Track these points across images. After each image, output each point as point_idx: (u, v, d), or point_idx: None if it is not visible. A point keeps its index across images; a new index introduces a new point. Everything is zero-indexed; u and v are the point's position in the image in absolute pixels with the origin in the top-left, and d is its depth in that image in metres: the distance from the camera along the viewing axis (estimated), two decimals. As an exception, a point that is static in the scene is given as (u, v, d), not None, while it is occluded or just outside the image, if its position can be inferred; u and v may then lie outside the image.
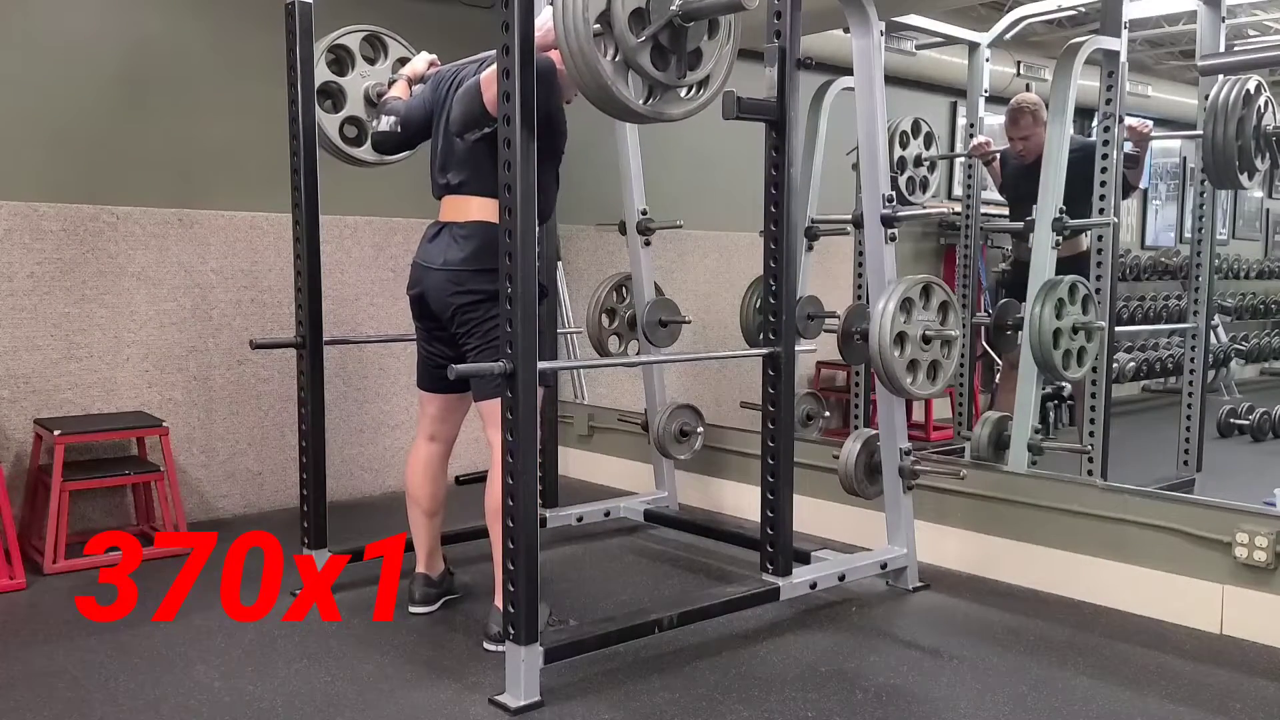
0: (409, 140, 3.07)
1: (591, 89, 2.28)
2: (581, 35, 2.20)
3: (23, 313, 3.79)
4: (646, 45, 2.30)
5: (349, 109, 3.43)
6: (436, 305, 2.93)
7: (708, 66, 2.44)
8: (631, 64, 2.29)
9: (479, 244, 2.83)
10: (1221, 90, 3.80)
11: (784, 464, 3.04)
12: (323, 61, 3.34)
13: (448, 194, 2.94)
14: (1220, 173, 3.90)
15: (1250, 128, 3.80)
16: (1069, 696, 2.59)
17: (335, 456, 4.49)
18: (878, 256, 3.25)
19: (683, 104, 2.44)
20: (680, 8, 2.30)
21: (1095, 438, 3.81)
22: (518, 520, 2.43)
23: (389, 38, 3.52)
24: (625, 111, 2.34)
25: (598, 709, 2.50)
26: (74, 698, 2.54)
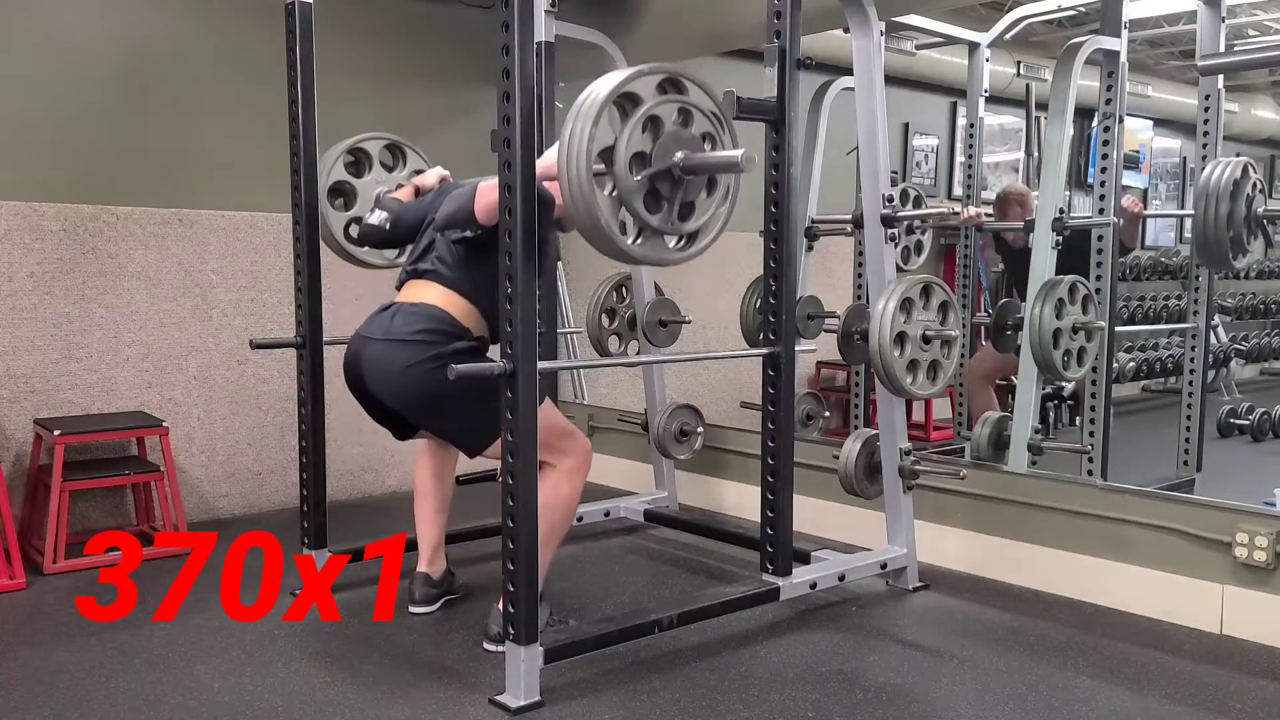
0: (394, 240, 3.09)
1: (584, 217, 2.31)
2: (582, 166, 2.25)
3: (23, 313, 3.79)
4: (643, 187, 2.35)
5: (357, 209, 3.45)
6: (374, 379, 2.83)
7: (699, 221, 2.48)
8: (625, 203, 2.33)
9: (426, 317, 2.77)
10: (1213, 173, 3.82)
11: (784, 464, 3.04)
12: (340, 162, 3.41)
13: (411, 279, 2.92)
14: (1211, 255, 3.91)
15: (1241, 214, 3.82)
16: (1069, 696, 2.59)
17: (335, 456, 4.48)
18: (878, 256, 3.25)
19: (670, 253, 2.48)
20: (681, 160, 2.37)
21: (1095, 438, 3.81)
22: (518, 520, 2.43)
23: (409, 149, 3.58)
24: (612, 247, 2.36)
25: (598, 709, 2.50)
26: (74, 698, 2.54)
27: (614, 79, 2.31)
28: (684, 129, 2.40)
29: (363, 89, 4.54)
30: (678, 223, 2.44)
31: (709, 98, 2.46)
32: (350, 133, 4.00)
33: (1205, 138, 4.20)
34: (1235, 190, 3.72)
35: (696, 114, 2.42)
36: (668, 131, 2.37)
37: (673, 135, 2.37)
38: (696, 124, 2.42)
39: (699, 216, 2.48)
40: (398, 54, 4.68)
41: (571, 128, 2.27)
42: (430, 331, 2.75)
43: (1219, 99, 4.23)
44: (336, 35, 3.89)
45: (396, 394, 2.83)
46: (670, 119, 2.38)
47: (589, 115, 2.26)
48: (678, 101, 2.39)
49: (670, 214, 2.41)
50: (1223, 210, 3.71)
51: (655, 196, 2.38)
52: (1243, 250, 3.84)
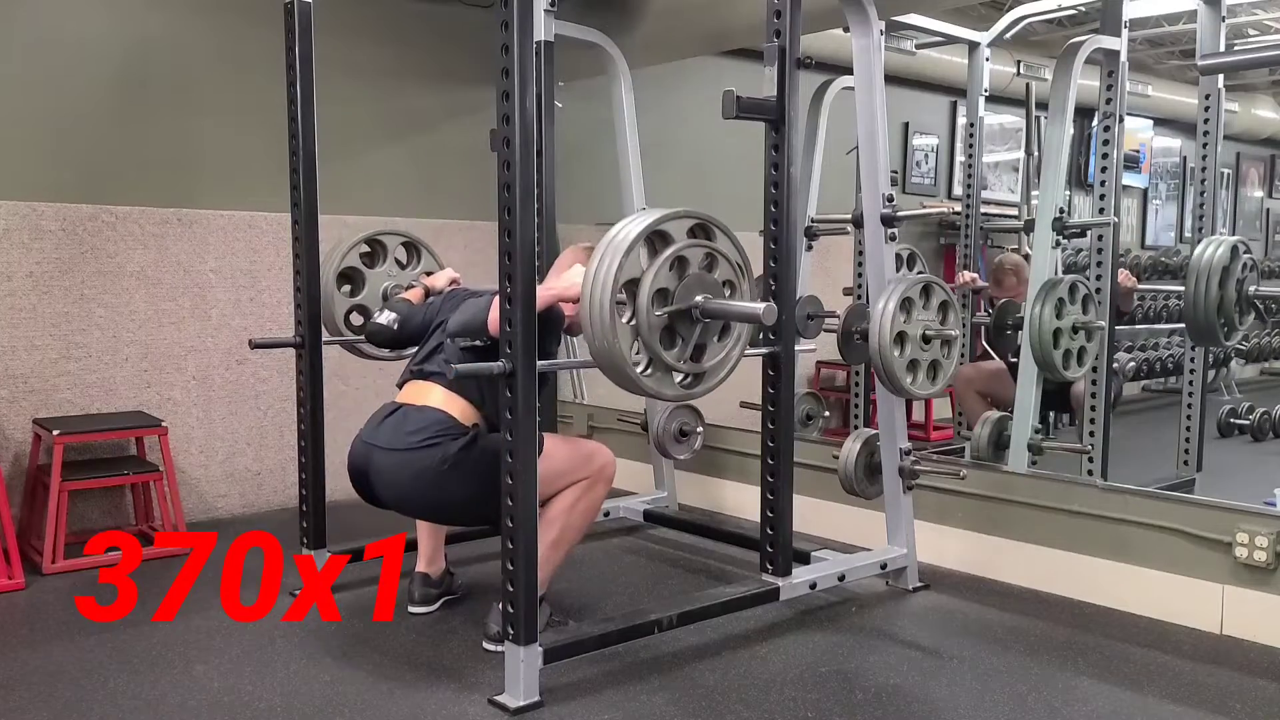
0: (399, 341, 3.12)
1: (599, 342, 2.38)
2: (607, 292, 2.33)
3: (21, 312, 3.79)
4: (661, 323, 2.42)
5: (363, 297, 3.50)
6: (386, 490, 2.83)
7: (708, 363, 2.55)
8: (642, 334, 2.40)
9: (434, 424, 2.76)
10: (1205, 252, 3.83)
11: (784, 464, 3.03)
12: (356, 251, 3.46)
13: (414, 379, 2.93)
14: (1201, 333, 3.94)
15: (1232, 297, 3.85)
16: (1069, 696, 2.59)
17: (335, 456, 4.47)
18: (878, 256, 3.25)
19: (674, 389, 2.53)
20: (703, 302, 2.45)
21: (1095, 438, 3.81)
22: (517, 520, 2.43)
23: (424, 249, 3.62)
24: (621, 374, 2.43)
25: (597, 709, 2.50)
26: (74, 698, 2.54)
27: (649, 216, 2.40)
28: (708, 273, 2.48)
29: (363, 89, 4.54)
30: (690, 361, 2.51)
31: (734, 247, 2.54)
32: (351, 131, 4.01)
33: (1205, 137, 4.20)
34: (1225, 275, 3.77)
35: (721, 261, 2.50)
36: (692, 273, 2.45)
37: (697, 278, 2.46)
38: (720, 270, 2.50)
39: (710, 358, 2.55)
40: (398, 54, 4.68)
41: (601, 257, 2.36)
42: (433, 437, 2.75)
43: (1219, 99, 4.23)
44: (336, 35, 3.89)
45: (413, 503, 2.84)
46: (696, 262, 2.46)
47: (621, 246, 2.35)
48: (705, 247, 2.48)
49: (684, 352, 2.49)
50: (1213, 292, 3.76)
51: (671, 333, 2.47)
52: (1235, 329, 3.89)
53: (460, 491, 2.74)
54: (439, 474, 2.72)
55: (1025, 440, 3.67)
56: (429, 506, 2.87)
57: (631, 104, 4.15)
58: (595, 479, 2.90)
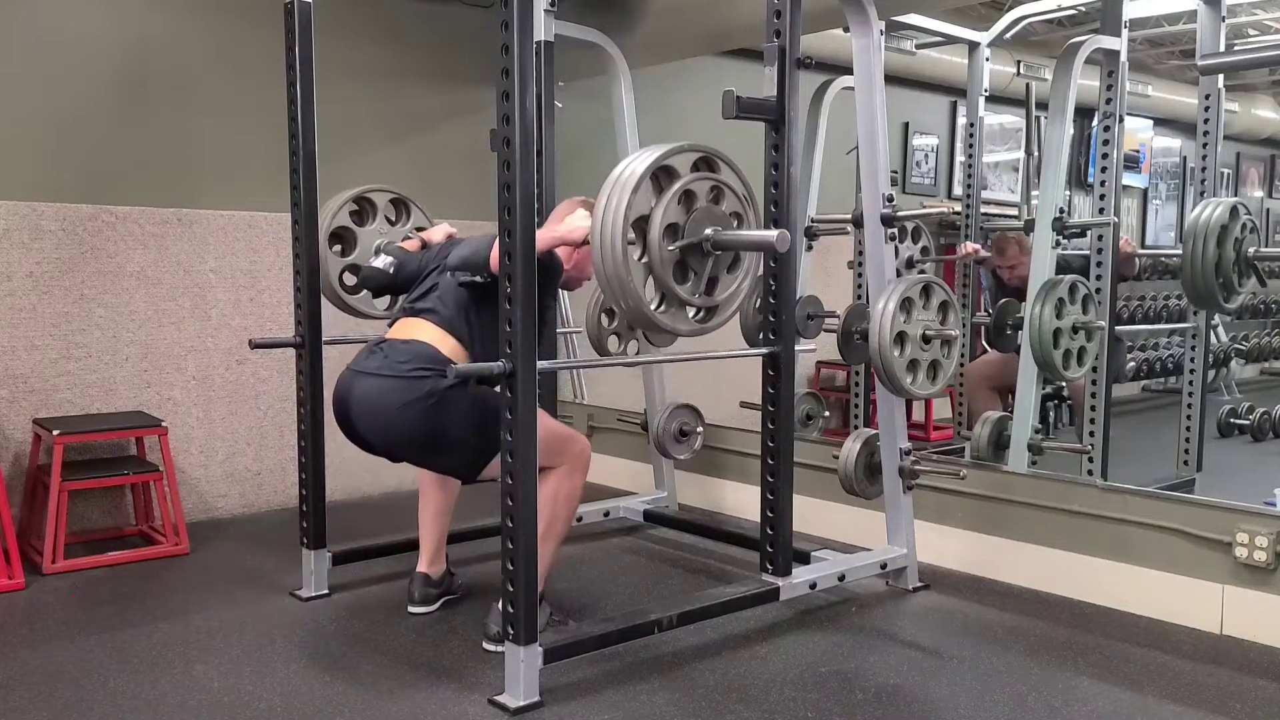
0: (394, 287, 3.09)
1: (613, 282, 2.39)
2: (619, 231, 2.33)
3: (22, 312, 3.79)
4: (673, 258, 2.44)
5: (355, 256, 3.47)
6: (365, 421, 2.81)
7: (721, 296, 2.57)
8: (655, 271, 2.42)
9: (411, 355, 2.76)
10: (1201, 213, 3.80)
11: (784, 464, 3.03)
12: (345, 209, 3.43)
13: (405, 316, 2.92)
14: (1199, 296, 3.90)
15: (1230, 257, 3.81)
16: (1069, 696, 2.59)
17: (334, 456, 4.46)
18: (878, 256, 3.25)
19: (688, 323, 2.55)
20: (713, 234, 2.45)
21: (1095, 438, 3.81)
22: (517, 520, 2.43)
23: (413, 205, 3.59)
24: (637, 311, 2.44)
25: (597, 709, 2.50)
26: (74, 698, 2.54)
27: (653, 153, 2.40)
28: (715, 206, 2.48)
29: (363, 89, 4.54)
30: (703, 295, 2.52)
31: (739, 179, 2.55)
32: (351, 131, 4.01)
33: (1205, 137, 4.20)
34: (1223, 234, 3.74)
35: (728, 192, 2.51)
36: (700, 206, 2.46)
37: (705, 211, 2.46)
38: (727, 202, 2.51)
39: (722, 290, 2.56)
40: (398, 54, 4.68)
41: (609, 195, 2.36)
42: (424, 368, 2.73)
43: (1219, 99, 4.23)
44: (336, 35, 3.89)
45: (390, 434, 2.80)
46: (703, 195, 2.47)
47: (628, 185, 2.35)
48: (711, 179, 2.48)
49: (698, 286, 2.50)
50: (1210, 256, 3.73)
51: (684, 268, 2.48)
52: (1234, 292, 3.85)
53: (441, 432, 2.72)
54: (424, 408, 2.70)
55: (1025, 440, 3.67)
56: (405, 441, 2.80)
57: (631, 104, 4.15)
58: (574, 466, 2.89)
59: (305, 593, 3.29)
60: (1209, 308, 4.06)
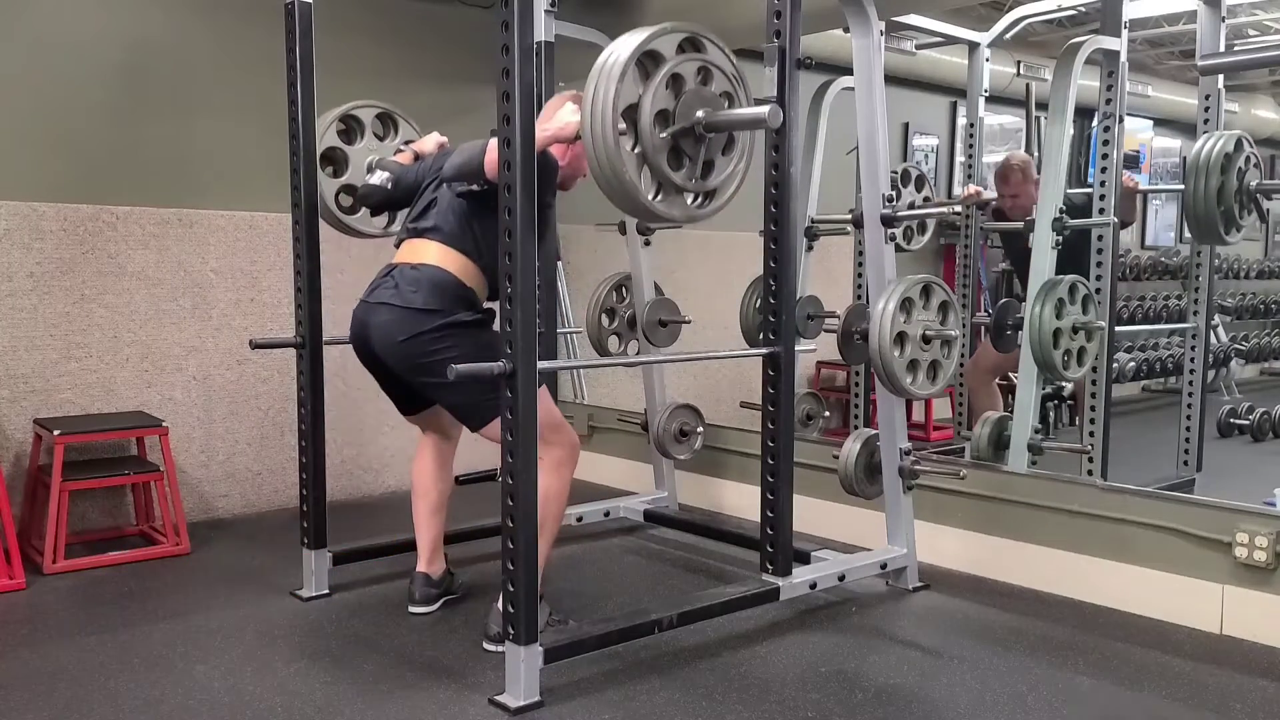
0: (393, 201, 3.08)
1: (608, 175, 2.34)
2: (609, 123, 2.28)
3: (22, 313, 3.79)
4: (666, 144, 2.39)
5: (349, 177, 3.45)
6: (381, 345, 2.85)
7: (717, 180, 2.52)
8: (649, 159, 2.37)
9: (425, 283, 2.79)
10: (1203, 148, 3.78)
11: (784, 464, 3.04)
12: (333, 129, 3.40)
13: (411, 237, 2.93)
14: (1203, 230, 3.86)
15: (1232, 188, 3.77)
16: (1069, 696, 2.59)
17: (335, 456, 4.48)
18: (878, 256, 3.25)
19: (687, 209, 2.51)
20: (705, 116, 2.40)
21: (1095, 438, 3.81)
22: (517, 520, 2.43)
23: (400, 118, 3.57)
24: (634, 204, 2.40)
25: (597, 709, 2.50)
26: (74, 698, 2.54)
27: (635, 38, 2.33)
28: (704, 87, 2.42)
29: (363, 89, 4.51)
30: (699, 180, 2.46)
31: (727, 57, 2.48)
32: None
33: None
34: (1227, 164, 3.70)
35: (716, 73, 2.44)
36: (689, 90, 2.40)
37: (694, 94, 2.40)
38: (716, 83, 2.45)
39: (718, 174, 2.50)
40: (398, 54, 4.68)
41: (596, 86, 2.30)
42: (436, 299, 2.76)
43: (1219, 99, 4.23)
44: (336, 35, 3.89)
45: (401, 360, 2.84)
46: (691, 77, 2.40)
47: (613, 73, 2.29)
48: (698, 60, 2.41)
49: (694, 171, 2.45)
50: (1213, 184, 3.68)
51: (678, 154, 2.42)
52: (1235, 225, 3.81)
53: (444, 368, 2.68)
54: (430, 340, 2.74)
55: (1025, 440, 3.67)
56: (419, 369, 2.82)
57: (631, 104, 4.14)
58: (562, 460, 2.88)
59: (306, 593, 3.29)
60: (1210, 241, 4.00)
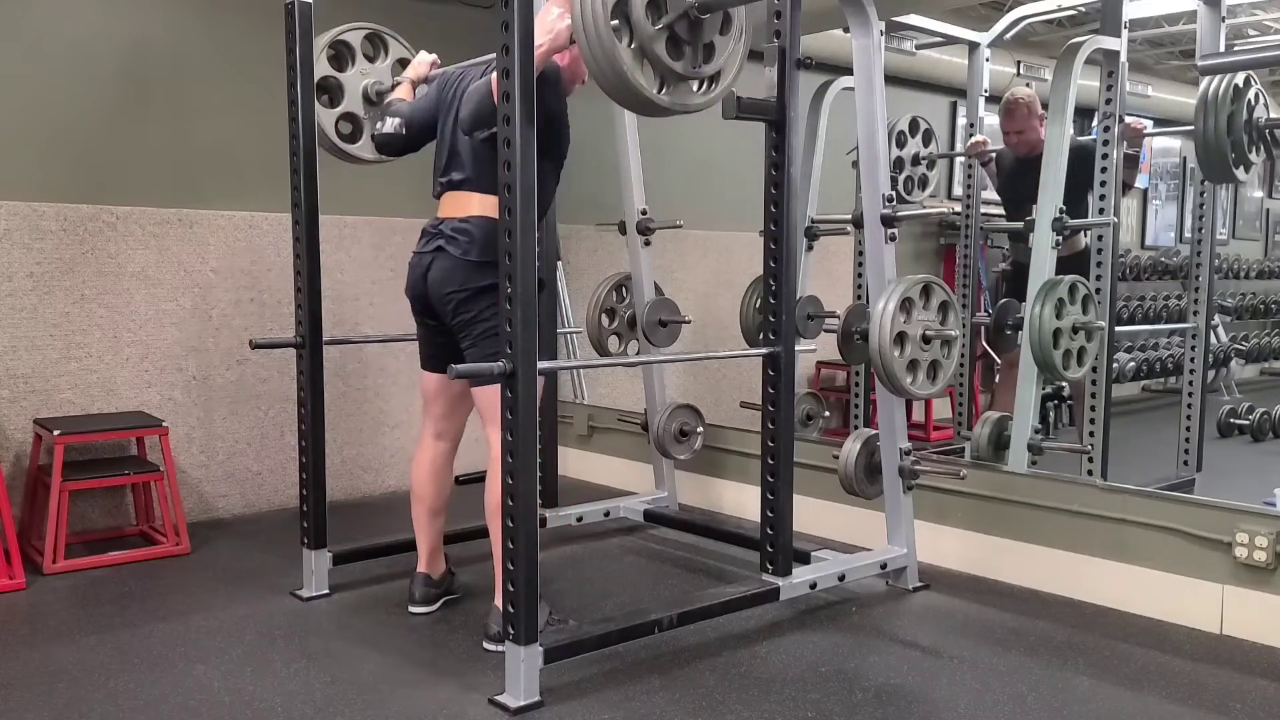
0: (413, 141, 3.07)
1: (608, 76, 2.31)
2: (601, 23, 2.24)
3: (22, 313, 3.79)
4: (662, 35, 2.34)
5: (346, 105, 3.44)
6: (434, 298, 2.92)
7: (720, 62, 2.49)
8: (648, 53, 2.32)
9: (477, 237, 2.85)
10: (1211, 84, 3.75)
11: (784, 464, 3.04)
12: (323, 57, 3.35)
13: (448, 190, 2.95)
14: (1213, 167, 3.83)
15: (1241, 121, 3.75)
16: (1069, 696, 2.59)
17: (335, 456, 4.48)
18: (878, 256, 3.25)
19: (695, 96, 2.47)
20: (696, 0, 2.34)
21: (1095, 438, 3.81)
22: (517, 520, 2.43)
23: (390, 37, 3.53)
24: (639, 100, 2.37)
25: (597, 709, 2.50)
26: (74, 698, 2.54)
27: None
28: None
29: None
30: (702, 64, 2.43)
31: None
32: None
33: (1205, 137, 4.19)
34: (1236, 98, 3.68)
35: None
36: None
37: None
38: None
39: (719, 56, 2.47)
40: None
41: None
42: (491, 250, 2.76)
43: (1219, 99, 4.23)
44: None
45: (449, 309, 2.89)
46: None
47: None
48: None
49: (695, 57, 2.41)
50: (1222, 120, 3.66)
51: (675, 42, 2.38)
52: (1245, 162, 3.78)
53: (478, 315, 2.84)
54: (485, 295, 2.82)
55: (1025, 440, 3.68)
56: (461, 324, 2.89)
57: (632, 104, 4.14)
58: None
59: (306, 593, 3.29)
60: (1221, 178, 3.95)
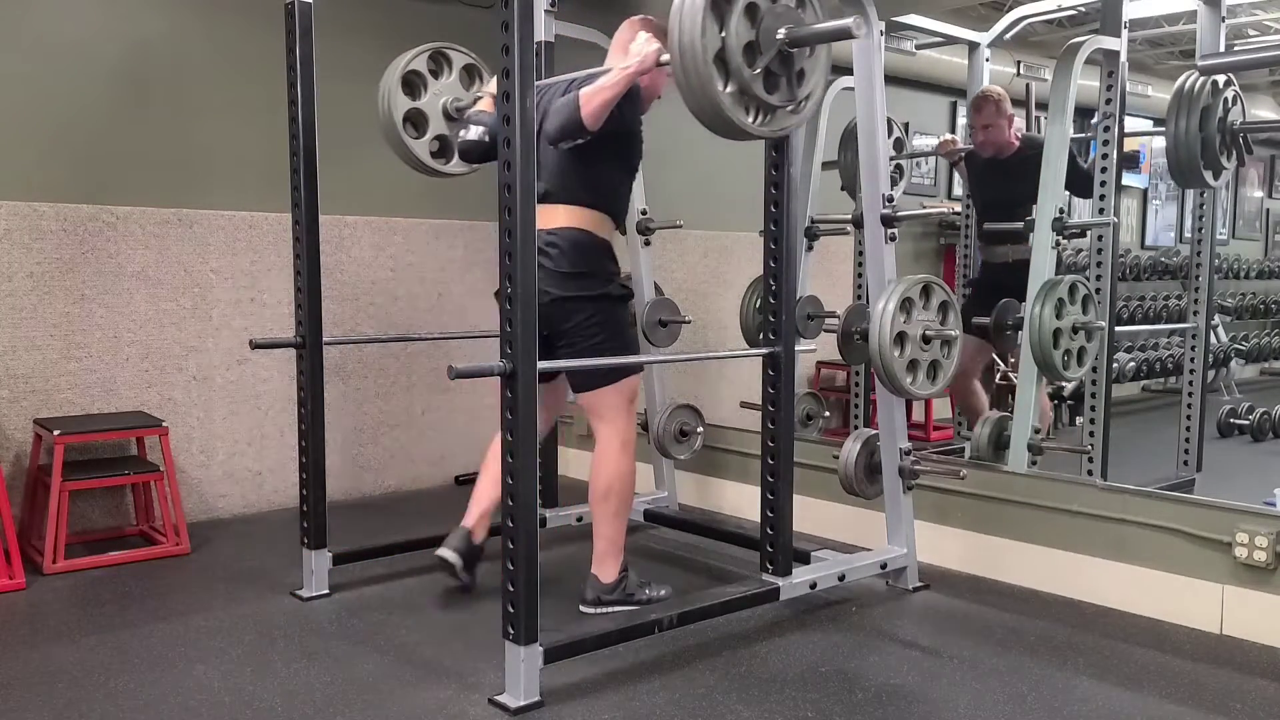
0: (490, 152, 3.12)
1: (709, 115, 2.40)
2: (703, 73, 2.32)
3: (22, 313, 3.79)
4: (760, 76, 2.41)
5: (433, 129, 3.57)
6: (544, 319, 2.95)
7: (809, 85, 2.54)
8: (747, 93, 2.40)
9: (565, 248, 2.96)
10: (1185, 82, 3.71)
11: (784, 464, 3.04)
12: (400, 93, 3.50)
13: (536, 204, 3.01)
14: (1183, 170, 3.79)
15: (1215, 122, 3.69)
16: (1069, 696, 2.59)
17: (335, 456, 4.48)
18: (878, 256, 3.25)
19: (789, 118, 2.54)
20: (787, 35, 2.40)
21: (1095, 438, 3.81)
22: (518, 520, 2.43)
23: (449, 49, 3.62)
24: (739, 132, 2.45)
25: (598, 709, 2.50)
26: (74, 698, 2.54)
27: None
28: (774, 4, 2.42)
29: (363, 89, 4.53)
30: (796, 92, 2.50)
31: None
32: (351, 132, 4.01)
33: (1205, 137, 4.19)
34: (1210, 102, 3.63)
35: None
36: (765, 12, 2.40)
37: (771, 14, 2.41)
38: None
39: (809, 81, 2.53)
40: (398, 54, 4.66)
41: (679, 37, 2.31)
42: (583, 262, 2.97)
43: (1219, 99, 4.22)
44: (336, 35, 3.90)
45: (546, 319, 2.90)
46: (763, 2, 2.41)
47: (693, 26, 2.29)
48: None
49: (790, 89, 2.49)
50: (1194, 123, 3.60)
51: (771, 77, 2.44)
52: (1216, 167, 3.73)
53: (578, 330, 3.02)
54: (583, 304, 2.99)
55: (1025, 440, 3.68)
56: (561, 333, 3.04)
57: (632, 104, 4.14)
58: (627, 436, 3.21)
59: (306, 593, 3.29)
60: (1193, 184, 3.94)
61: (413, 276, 4.76)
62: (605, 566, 3.10)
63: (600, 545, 3.11)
